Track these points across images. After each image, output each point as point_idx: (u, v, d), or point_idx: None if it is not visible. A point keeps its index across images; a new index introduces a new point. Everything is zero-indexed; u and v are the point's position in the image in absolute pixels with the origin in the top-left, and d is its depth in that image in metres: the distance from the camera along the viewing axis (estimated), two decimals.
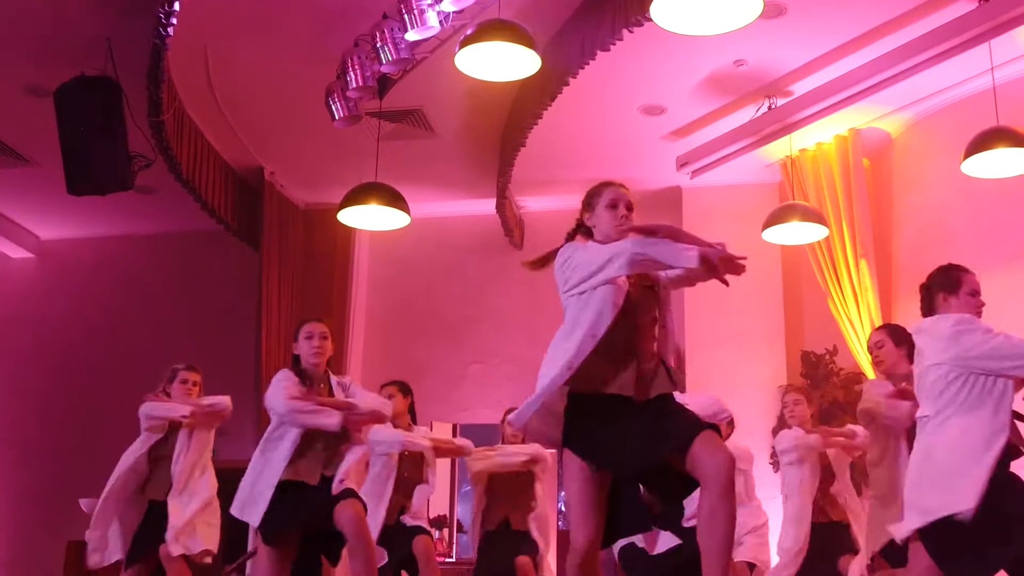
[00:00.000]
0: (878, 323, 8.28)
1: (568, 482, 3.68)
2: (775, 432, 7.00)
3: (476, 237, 10.20)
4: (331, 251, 10.13)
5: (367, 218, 8.05)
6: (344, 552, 4.88)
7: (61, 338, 10.95)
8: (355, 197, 7.65)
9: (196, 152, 8.51)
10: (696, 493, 3.53)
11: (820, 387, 8.56)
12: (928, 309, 4.47)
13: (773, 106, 8.00)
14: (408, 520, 6.26)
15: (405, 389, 6.49)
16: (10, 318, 11.09)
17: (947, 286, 4.42)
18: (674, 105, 8.23)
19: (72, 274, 11.15)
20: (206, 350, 10.30)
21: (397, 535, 6.16)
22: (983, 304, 4.39)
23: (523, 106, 7.96)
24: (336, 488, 4.76)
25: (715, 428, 3.56)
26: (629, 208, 3.96)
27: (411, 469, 6.36)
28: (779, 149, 8.61)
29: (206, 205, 8.88)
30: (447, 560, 9.13)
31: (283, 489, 4.73)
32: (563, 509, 9.65)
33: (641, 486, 3.75)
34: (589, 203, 4.01)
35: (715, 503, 3.40)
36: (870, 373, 8.27)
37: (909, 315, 8.22)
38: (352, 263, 10.24)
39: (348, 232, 9.85)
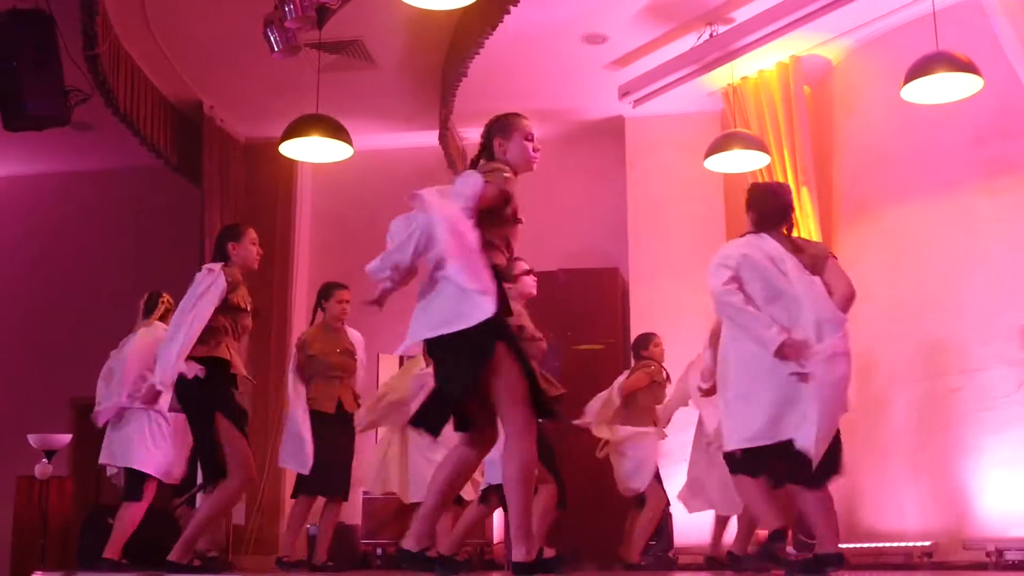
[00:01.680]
0: None
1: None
2: None
3: (419, 169, 10.12)
4: (273, 185, 10.06)
5: (309, 150, 7.97)
6: None
7: (1, 276, 10.83)
8: (296, 129, 7.57)
9: (133, 86, 8.39)
10: None
11: None
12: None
13: (715, 34, 8.02)
14: None
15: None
16: None
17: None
18: (616, 34, 8.21)
19: (11, 212, 11.00)
20: (149, 287, 10.26)
21: None
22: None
23: (464, 36, 7.91)
24: None
25: None
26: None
27: None
28: (721, 77, 8.64)
29: (145, 140, 8.78)
30: None
31: None
32: None
33: None
34: (504, 130, 4.24)
35: None
36: None
37: (850, 240, 8.38)
38: (295, 197, 10.20)
39: (290, 166, 9.78)
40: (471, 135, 10.02)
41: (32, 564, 7.81)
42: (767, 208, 4.89)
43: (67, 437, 8.35)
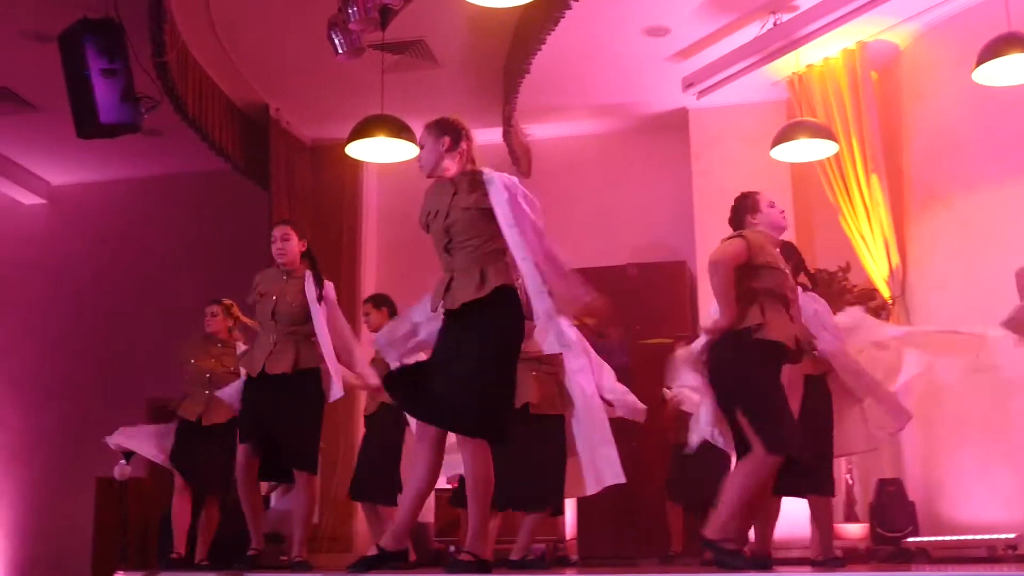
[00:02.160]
0: (891, 238, 8.29)
1: None
2: None
3: (483, 166, 10.17)
4: (339, 186, 10.14)
5: (374, 151, 8.04)
6: None
7: (74, 282, 11.05)
8: (362, 130, 7.65)
9: (201, 92, 8.50)
10: None
11: (834, 304, 8.54)
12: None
13: (778, 22, 7.92)
14: None
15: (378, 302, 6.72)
16: (24, 263, 11.17)
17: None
18: (678, 25, 8.16)
19: (83, 218, 11.21)
20: (218, 290, 10.39)
21: None
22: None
23: (526, 32, 7.91)
24: None
25: None
26: None
27: None
28: (785, 66, 8.55)
29: (213, 145, 8.89)
30: None
31: None
32: None
33: None
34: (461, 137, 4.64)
35: None
36: (884, 290, 8.30)
37: (922, 228, 8.25)
38: (361, 197, 10.26)
39: (356, 166, 9.86)
40: (534, 131, 10.04)
41: (113, 564, 7.96)
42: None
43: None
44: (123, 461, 7.38)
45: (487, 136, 9.73)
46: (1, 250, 11.26)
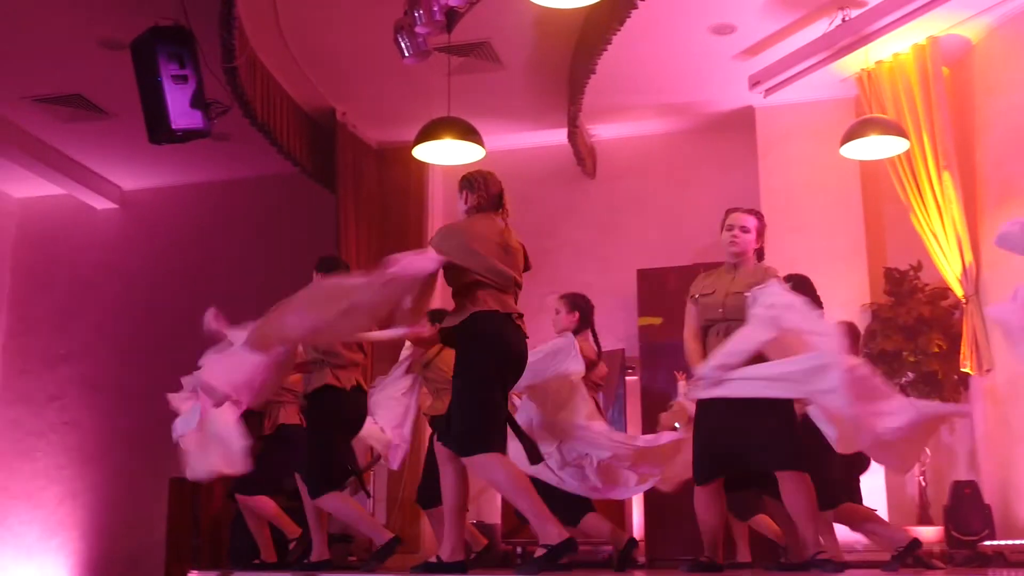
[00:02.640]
0: (964, 235, 8.15)
1: None
2: None
3: (548, 168, 10.18)
4: (405, 188, 10.19)
5: (441, 153, 8.08)
6: None
7: (147, 285, 11.22)
8: (429, 132, 7.68)
9: (269, 96, 8.59)
10: None
11: (905, 303, 8.45)
12: None
13: (847, 18, 7.82)
14: None
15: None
16: (97, 267, 11.38)
17: None
18: (744, 23, 8.09)
19: (154, 223, 11.38)
20: (287, 293, 10.49)
21: None
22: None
23: (591, 32, 7.89)
24: None
25: None
26: None
27: None
28: (854, 62, 8.43)
29: (281, 149, 8.98)
30: None
31: None
32: None
33: None
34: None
35: None
36: (957, 288, 8.16)
37: (995, 225, 8.06)
38: (427, 199, 10.29)
39: (422, 169, 9.91)
40: (600, 131, 10.02)
41: (186, 564, 8.07)
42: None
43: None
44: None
45: (552, 138, 9.81)
46: (75, 254, 11.47)
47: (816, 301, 5.61)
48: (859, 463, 5.62)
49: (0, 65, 8.64)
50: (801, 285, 5.52)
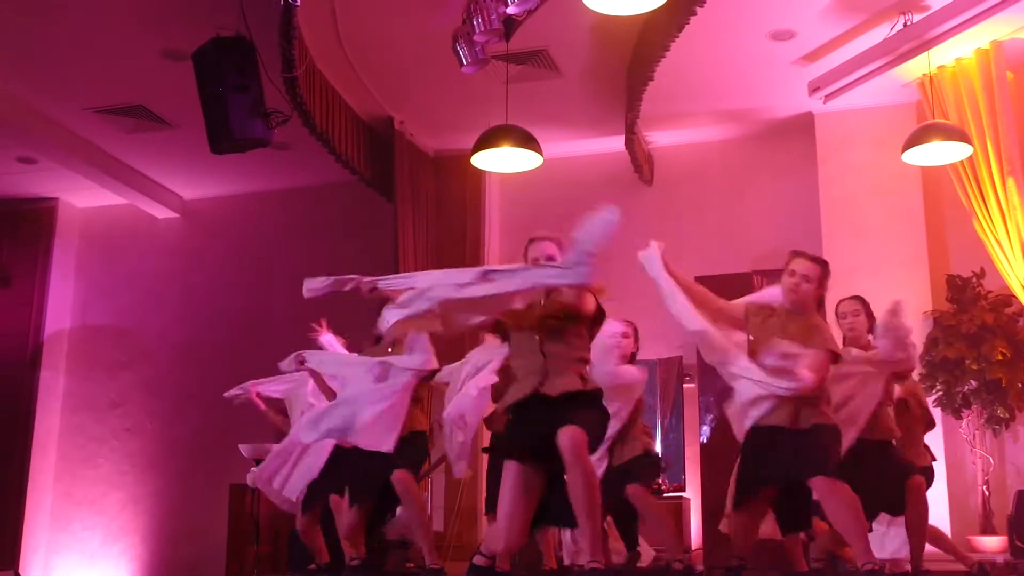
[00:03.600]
0: None
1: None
2: None
3: (605, 175, 10.16)
4: (462, 197, 10.22)
5: (499, 161, 8.11)
6: None
7: (207, 293, 11.34)
8: (487, 140, 7.72)
9: (328, 105, 8.66)
10: None
11: (968, 311, 8.34)
12: None
13: (908, 22, 7.74)
14: None
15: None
16: (159, 276, 11.52)
17: None
18: (804, 29, 8.03)
19: (215, 232, 11.51)
20: (346, 301, 10.56)
21: None
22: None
23: (650, 39, 7.87)
24: None
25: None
26: None
27: None
28: (916, 67, 8.33)
29: (340, 157, 9.04)
30: None
31: None
32: None
33: None
34: None
35: (568, 471, 4.18)
36: (1021, 295, 8.04)
37: None
38: (483, 208, 10.32)
39: (478, 177, 9.94)
40: (657, 138, 9.99)
41: (246, 569, 8.14)
42: None
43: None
44: (255, 468, 7.54)
45: (609, 145, 9.79)
46: (137, 263, 11.63)
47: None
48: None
49: (63, 77, 8.79)
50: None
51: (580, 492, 4.19)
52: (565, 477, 4.24)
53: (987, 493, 8.09)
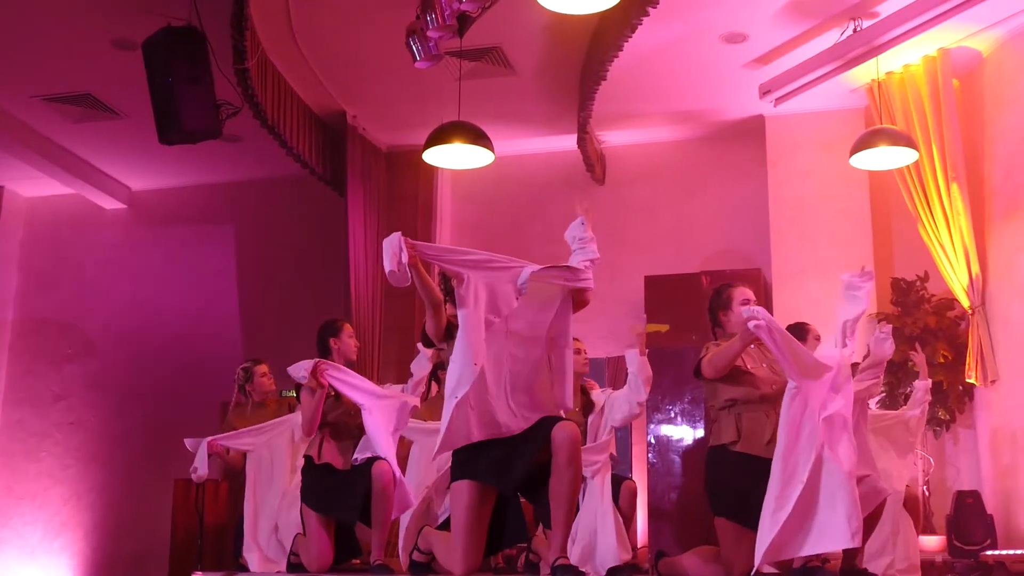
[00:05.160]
0: (971, 247, 8.14)
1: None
2: None
3: (557, 173, 10.19)
4: (414, 192, 10.20)
5: (451, 157, 8.10)
6: None
7: (154, 285, 11.22)
8: (439, 136, 7.70)
9: (279, 98, 8.60)
10: None
11: (912, 314, 8.46)
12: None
13: (858, 28, 7.83)
14: None
15: None
16: (106, 267, 11.38)
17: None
18: (756, 32, 8.10)
19: (163, 223, 11.39)
20: (295, 295, 10.54)
21: None
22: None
23: (603, 39, 7.90)
24: None
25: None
26: None
27: None
28: (865, 73, 8.43)
29: (291, 151, 8.99)
30: None
31: None
32: None
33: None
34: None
35: (560, 468, 4.17)
36: (963, 299, 8.16)
37: (1004, 237, 8.10)
38: (435, 204, 10.30)
39: (430, 173, 9.92)
40: (609, 139, 10.03)
41: (190, 564, 8.05)
42: None
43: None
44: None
45: (562, 143, 9.82)
46: (83, 254, 11.48)
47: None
48: None
49: (10, 64, 8.66)
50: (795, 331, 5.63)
51: (566, 490, 4.21)
52: (550, 479, 4.26)
53: (927, 494, 8.20)
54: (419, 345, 6.33)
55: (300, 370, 5.57)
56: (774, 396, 4.89)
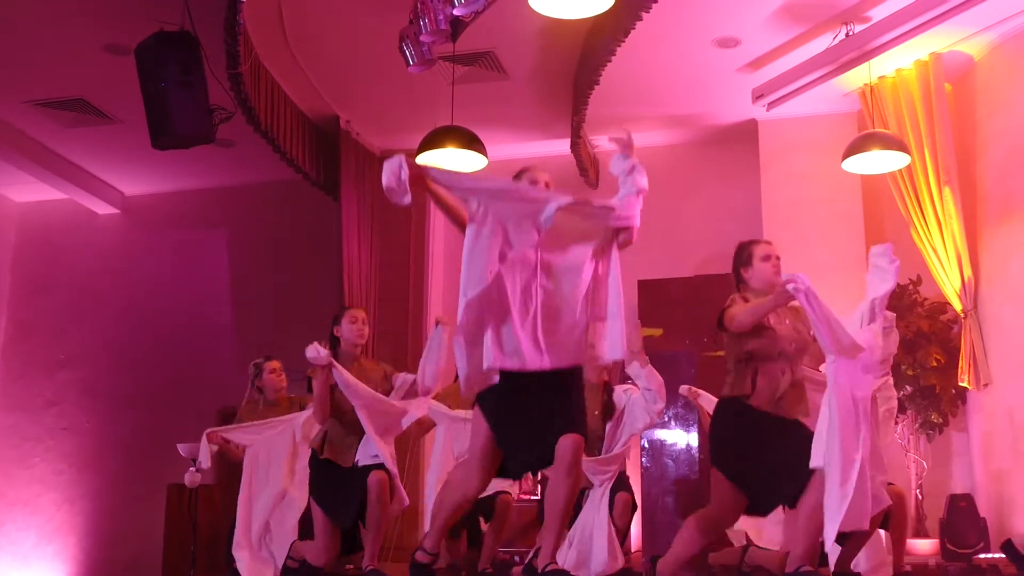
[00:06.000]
0: (963, 251, 8.16)
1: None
2: None
3: (551, 177, 10.17)
4: None
5: (444, 161, 8.08)
6: None
7: (147, 290, 11.22)
8: (432, 141, 7.71)
9: (273, 103, 8.60)
10: None
11: (904, 317, 8.45)
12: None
13: (851, 33, 7.85)
14: None
15: None
16: (98, 273, 11.37)
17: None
18: (748, 36, 8.12)
19: (156, 228, 11.38)
20: (289, 299, 10.53)
21: None
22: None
23: (596, 43, 7.91)
24: None
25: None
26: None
27: None
28: (857, 77, 8.46)
29: (284, 155, 8.98)
30: None
31: None
32: None
33: None
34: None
35: (559, 477, 4.19)
36: (956, 303, 8.18)
37: (996, 241, 8.12)
38: (428, 208, 10.29)
39: None
40: (603, 143, 10.01)
41: (183, 570, 8.06)
42: None
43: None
44: (193, 468, 7.47)
45: (555, 147, 9.81)
46: (76, 260, 11.47)
47: None
48: None
49: (2, 69, 8.64)
50: None
51: (562, 501, 4.23)
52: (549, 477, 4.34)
53: (920, 497, 8.22)
54: (436, 319, 6.24)
55: (313, 351, 5.59)
56: (793, 353, 4.85)
